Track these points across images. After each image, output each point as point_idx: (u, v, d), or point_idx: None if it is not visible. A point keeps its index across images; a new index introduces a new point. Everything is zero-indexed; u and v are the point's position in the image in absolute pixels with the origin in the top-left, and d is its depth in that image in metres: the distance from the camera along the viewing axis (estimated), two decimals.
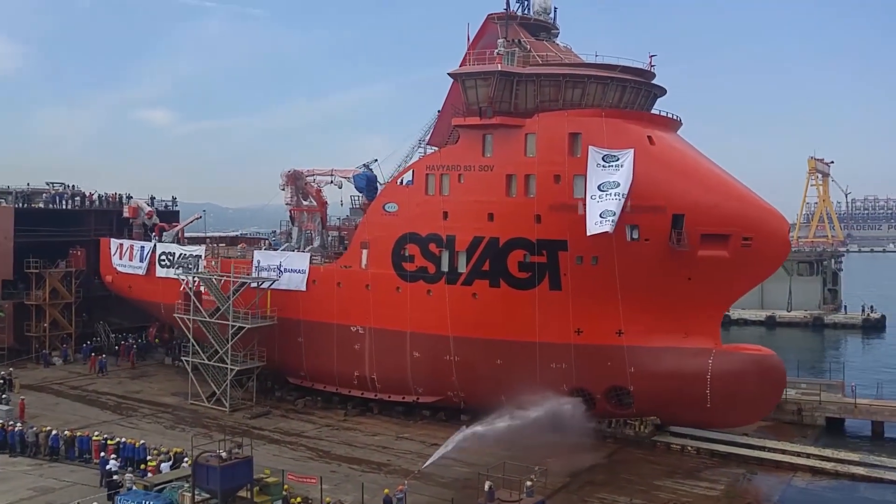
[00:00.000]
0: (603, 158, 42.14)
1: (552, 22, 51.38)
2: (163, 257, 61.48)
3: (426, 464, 38.83)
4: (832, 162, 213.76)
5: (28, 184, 74.13)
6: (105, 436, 40.97)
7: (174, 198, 78.24)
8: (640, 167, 41.54)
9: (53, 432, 41.66)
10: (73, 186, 75.43)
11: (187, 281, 54.32)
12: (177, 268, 58.88)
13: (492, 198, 45.03)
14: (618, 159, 41.86)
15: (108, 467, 35.88)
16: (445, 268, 46.41)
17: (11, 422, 44.14)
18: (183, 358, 54.92)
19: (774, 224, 43.20)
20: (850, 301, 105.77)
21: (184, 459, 36.24)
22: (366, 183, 52.90)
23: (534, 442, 39.45)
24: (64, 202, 72.09)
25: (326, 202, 57.62)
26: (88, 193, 74.01)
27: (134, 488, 32.30)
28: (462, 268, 45.93)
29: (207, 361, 51.67)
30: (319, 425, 48.26)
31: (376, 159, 53.91)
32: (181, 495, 30.97)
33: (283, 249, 56.62)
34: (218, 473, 29.05)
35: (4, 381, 53.30)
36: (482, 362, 45.66)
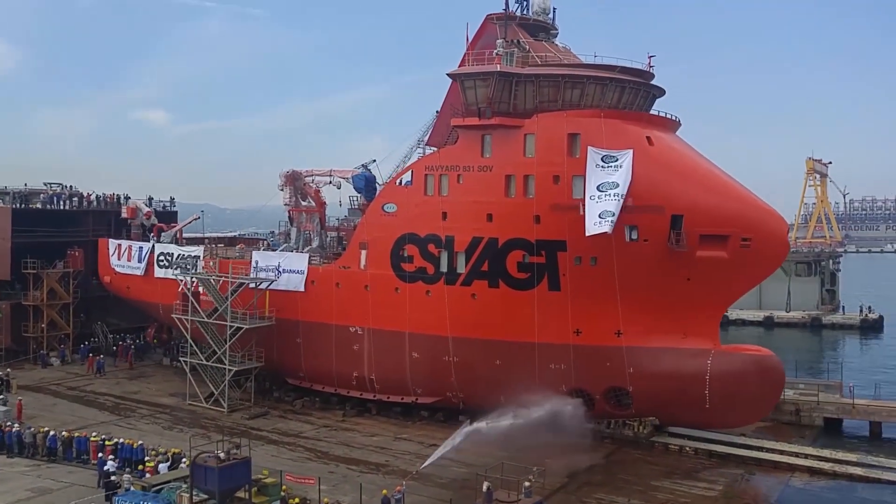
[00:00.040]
0: (602, 159, 42.15)
1: (551, 22, 51.48)
2: (161, 258, 61.41)
3: (427, 462, 38.80)
4: (830, 162, 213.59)
5: (25, 184, 74.02)
6: (103, 436, 40.94)
7: (172, 198, 78.47)
8: (639, 168, 41.56)
9: (51, 433, 41.57)
10: (71, 187, 75.38)
11: (185, 281, 54.29)
12: (175, 268, 58.82)
13: (491, 198, 45.03)
14: (617, 160, 41.89)
15: (106, 468, 35.88)
16: (444, 268, 46.39)
17: (9, 422, 44.05)
18: (181, 358, 54.83)
19: (773, 225, 43.19)
20: (848, 301, 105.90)
21: (182, 460, 36.25)
22: (364, 183, 52.91)
23: (532, 442, 39.46)
24: (61, 203, 71.99)
25: (325, 203, 57.52)
26: (86, 194, 73.93)
27: (132, 489, 32.37)
28: (461, 268, 45.93)
29: (205, 362, 51.63)
30: (317, 426, 48.20)
31: (374, 160, 54.09)
32: (179, 496, 31.01)
33: (282, 250, 56.58)
34: (216, 474, 29.07)
35: (2, 382, 53.22)
36: (481, 363, 45.64)
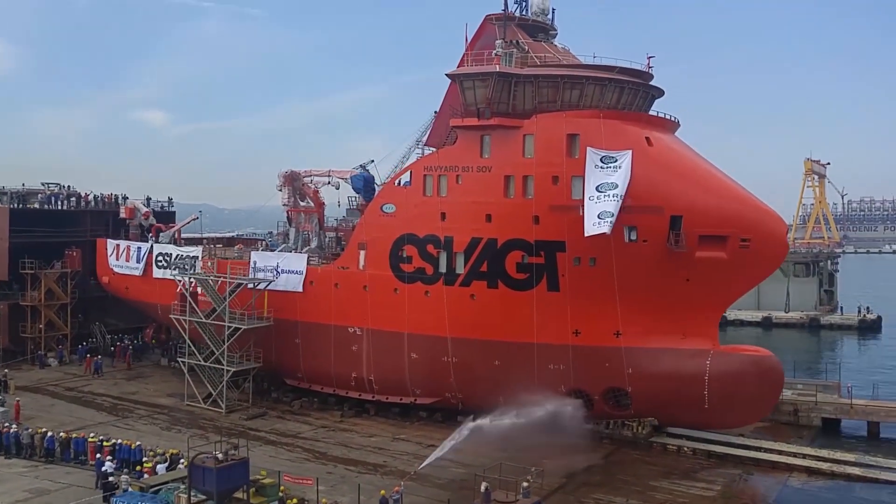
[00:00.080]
0: (601, 159, 42.12)
1: (550, 23, 51.51)
2: (160, 258, 61.35)
3: (428, 460, 38.74)
4: (828, 163, 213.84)
5: (23, 184, 73.89)
6: (101, 437, 40.86)
7: (170, 198, 78.38)
8: (638, 168, 41.54)
9: (49, 434, 41.51)
10: (69, 187, 75.24)
11: (184, 282, 54.22)
12: (173, 269, 58.74)
13: (490, 199, 45.00)
14: (616, 160, 41.87)
15: (104, 469, 35.78)
16: (443, 269, 46.34)
17: (7, 423, 43.92)
18: (179, 359, 54.74)
19: (772, 225, 43.17)
20: (846, 302, 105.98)
21: (180, 461, 36.13)
22: (363, 184, 52.89)
23: (530, 443, 39.46)
24: (59, 203, 71.87)
25: (324, 203, 57.48)
26: (84, 194, 73.82)
27: (130, 490, 32.33)
28: (460, 269, 45.89)
29: (204, 363, 51.55)
30: (316, 426, 48.14)
31: (373, 160, 54.11)
32: (177, 497, 30.96)
33: (281, 250, 56.53)
34: (214, 475, 29.04)
35: (0, 383, 53.12)
36: (480, 363, 45.60)
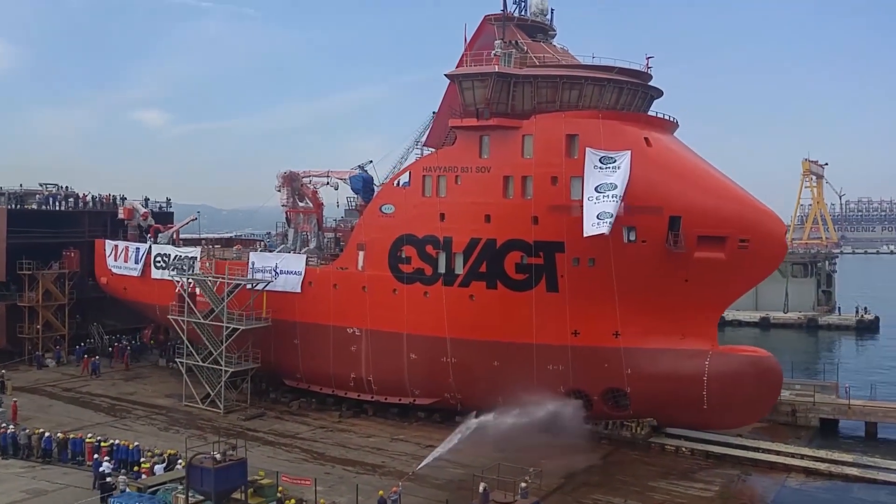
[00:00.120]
0: (600, 160, 42.09)
1: (549, 23, 51.54)
2: (158, 259, 61.27)
3: (428, 459, 38.70)
4: (826, 164, 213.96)
5: (21, 185, 73.75)
6: (98, 438, 40.77)
7: (168, 199, 78.30)
8: (637, 169, 41.51)
9: (46, 434, 41.44)
10: (67, 188, 75.11)
11: (182, 282, 54.13)
12: (172, 269, 58.66)
13: (489, 199, 44.97)
14: (615, 161, 41.84)
15: (102, 469, 35.69)
16: (442, 269, 46.30)
17: (4, 424, 43.79)
18: (177, 360, 54.64)
19: (771, 226, 43.20)
20: (844, 302, 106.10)
21: (178, 461, 36.06)
22: (362, 184, 52.86)
23: (528, 443, 39.43)
24: (57, 203, 71.72)
25: (322, 203, 57.45)
26: (82, 195, 73.70)
27: (127, 490, 32.20)
28: (459, 269, 45.85)
29: (202, 363, 51.50)
30: (314, 427, 48.08)
31: (371, 160, 54.09)
32: (175, 497, 30.87)
33: (279, 251, 56.48)
34: (212, 475, 28.92)
35: None
36: (479, 364, 45.56)
